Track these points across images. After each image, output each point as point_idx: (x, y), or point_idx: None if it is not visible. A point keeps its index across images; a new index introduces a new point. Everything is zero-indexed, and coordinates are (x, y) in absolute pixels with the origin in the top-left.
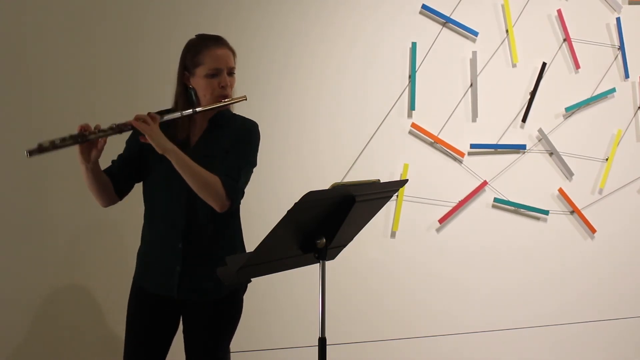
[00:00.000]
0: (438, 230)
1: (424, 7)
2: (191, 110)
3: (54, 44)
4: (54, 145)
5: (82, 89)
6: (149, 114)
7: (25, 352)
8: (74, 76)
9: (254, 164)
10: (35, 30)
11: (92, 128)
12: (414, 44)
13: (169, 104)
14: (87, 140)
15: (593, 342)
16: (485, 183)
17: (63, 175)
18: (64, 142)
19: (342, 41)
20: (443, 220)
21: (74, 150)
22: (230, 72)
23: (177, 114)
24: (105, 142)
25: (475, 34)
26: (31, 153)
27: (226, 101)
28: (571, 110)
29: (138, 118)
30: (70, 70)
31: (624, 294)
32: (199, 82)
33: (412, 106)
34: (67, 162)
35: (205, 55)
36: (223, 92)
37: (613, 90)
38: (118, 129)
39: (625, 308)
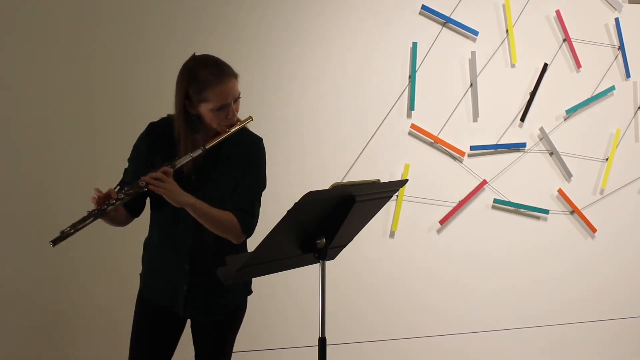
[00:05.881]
0: (438, 230)
1: (423, 7)
2: (201, 149)
3: (53, 48)
4: (75, 229)
5: (81, 89)
6: (162, 170)
7: (25, 352)
8: (73, 77)
9: (264, 186)
10: (34, 33)
11: (104, 195)
12: (414, 44)
13: (165, 107)
14: (106, 213)
15: (593, 342)
16: (484, 182)
17: (64, 175)
18: (84, 222)
19: (342, 41)
20: (444, 221)
21: (74, 151)
22: (236, 99)
23: (188, 158)
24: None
25: (476, 33)
26: (55, 242)
27: (234, 129)
28: (571, 112)
29: (152, 177)
30: (69, 72)
31: (624, 294)
32: (204, 113)
33: (411, 106)
34: (67, 161)
35: (210, 93)
36: (230, 121)
37: (612, 88)
38: (135, 193)
39: (625, 308)
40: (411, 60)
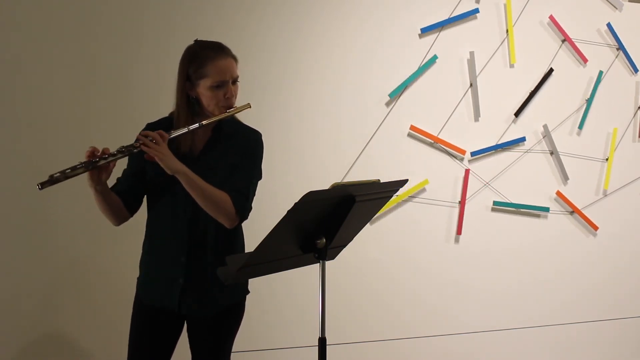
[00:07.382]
0: (438, 231)
1: (422, 30)
2: (198, 124)
3: (53, 45)
4: (65, 175)
5: (80, 89)
6: (158, 132)
7: (24, 353)
8: (73, 76)
9: (260, 176)
10: (34, 32)
11: (99, 151)
12: (434, 56)
13: (165, 107)
14: (97, 167)
15: (593, 342)
16: (468, 171)
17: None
18: (74, 171)
19: (342, 41)
20: (460, 231)
21: (73, 151)
22: (235, 81)
23: (185, 130)
24: (115, 164)
25: (476, 11)
26: (43, 185)
27: (231, 111)
28: (582, 127)
29: (147, 135)
30: (69, 70)
31: (624, 294)
32: (203, 93)
33: (391, 93)
34: (67, 161)
35: (209, 68)
36: (228, 102)
37: (600, 73)
38: (127, 151)
39: (626, 308)
40: (420, 65)
